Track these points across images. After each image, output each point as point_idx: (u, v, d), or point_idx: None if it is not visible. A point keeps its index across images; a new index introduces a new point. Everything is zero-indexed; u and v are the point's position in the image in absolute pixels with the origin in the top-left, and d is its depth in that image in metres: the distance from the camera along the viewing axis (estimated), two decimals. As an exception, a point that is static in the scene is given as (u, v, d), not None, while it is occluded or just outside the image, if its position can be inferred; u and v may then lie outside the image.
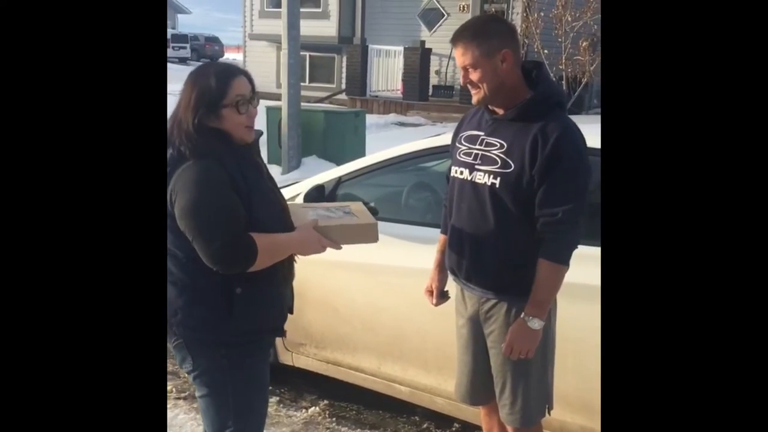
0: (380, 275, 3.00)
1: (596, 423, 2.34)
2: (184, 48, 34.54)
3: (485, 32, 2.04)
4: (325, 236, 1.98)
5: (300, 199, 3.16)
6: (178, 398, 3.30)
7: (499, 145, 2.07)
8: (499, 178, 2.05)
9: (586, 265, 2.14)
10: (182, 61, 32.80)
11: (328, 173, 3.31)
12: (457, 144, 2.22)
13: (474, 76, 2.04)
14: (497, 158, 2.06)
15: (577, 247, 2.05)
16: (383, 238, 3.02)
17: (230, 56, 39.85)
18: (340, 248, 2.02)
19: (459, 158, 2.18)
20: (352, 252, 3.05)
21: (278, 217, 1.96)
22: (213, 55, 37.34)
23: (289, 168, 7.99)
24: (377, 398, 3.19)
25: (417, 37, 15.59)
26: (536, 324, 2.04)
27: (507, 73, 2.04)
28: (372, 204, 3.29)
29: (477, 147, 2.13)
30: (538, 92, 2.06)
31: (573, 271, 2.06)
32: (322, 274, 3.15)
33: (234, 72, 1.92)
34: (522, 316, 2.05)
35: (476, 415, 2.58)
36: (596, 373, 1.52)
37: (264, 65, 18.57)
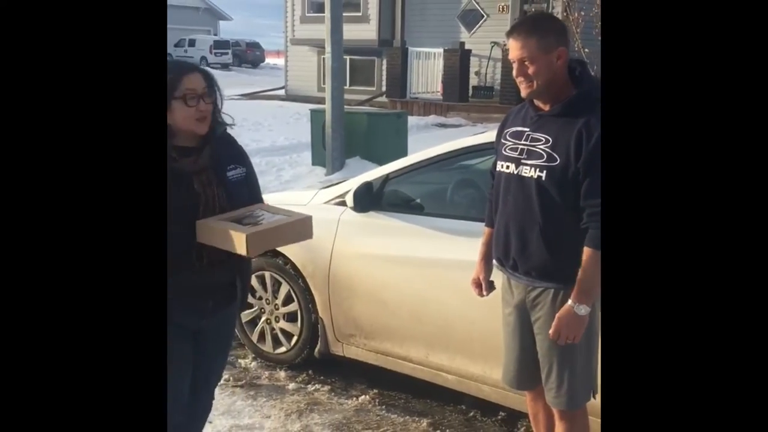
0: (427, 268, 3.10)
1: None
2: (226, 54, 35.09)
3: (544, 28, 2.14)
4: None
5: (350, 196, 3.28)
6: (236, 386, 3.47)
7: (544, 140, 2.17)
8: (545, 172, 2.14)
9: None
10: (224, 67, 33.28)
11: (376, 171, 3.44)
12: (503, 140, 2.32)
13: (530, 69, 2.12)
14: (543, 152, 2.15)
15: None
16: (430, 232, 3.15)
17: (271, 61, 40.41)
18: None
19: (505, 153, 2.28)
20: (399, 246, 3.18)
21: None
22: (254, 60, 37.89)
23: (333, 169, 8.16)
24: (425, 387, 3.29)
25: (456, 38, 15.64)
26: (583, 310, 2.12)
27: (559, 70, 2.14)
28: (418, 200, 3.42)
29: (523, 142, 2.22)
30: (582, 89, 2.16)
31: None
32: (371, 268, 3.28)
33: (187, 68, 2.01)
34: (569, 302, 2.13)
35: (522, 402, 2.67)
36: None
37: (305, 69, 18.88)
